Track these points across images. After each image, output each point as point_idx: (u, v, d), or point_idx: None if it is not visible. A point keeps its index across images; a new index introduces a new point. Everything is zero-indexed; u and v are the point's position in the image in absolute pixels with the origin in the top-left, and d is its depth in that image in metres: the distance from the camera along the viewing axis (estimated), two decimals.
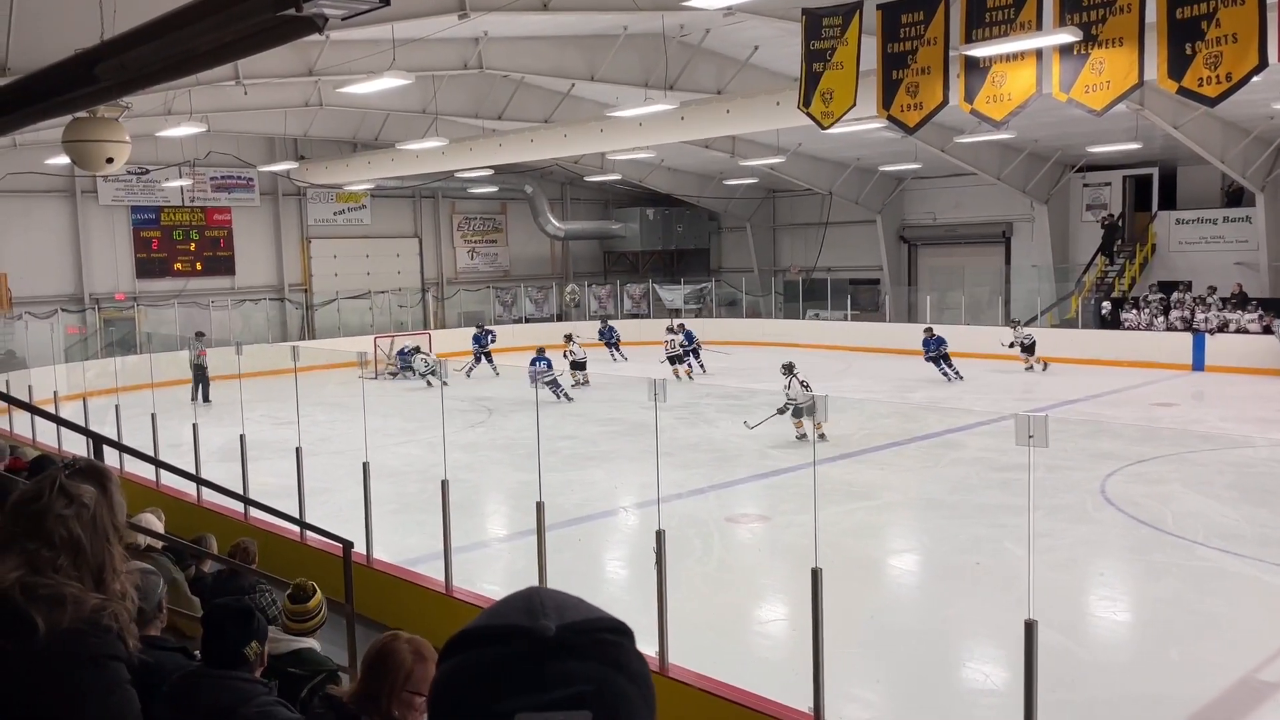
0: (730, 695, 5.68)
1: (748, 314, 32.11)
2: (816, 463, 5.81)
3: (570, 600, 0.93)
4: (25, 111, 7.48)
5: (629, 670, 0.90)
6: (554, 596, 0.92)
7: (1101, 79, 10.32)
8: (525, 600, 0.91)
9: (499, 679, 0.86)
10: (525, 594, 0.93)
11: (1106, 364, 22.51)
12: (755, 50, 17.43)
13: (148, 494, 10.03)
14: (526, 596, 0.92)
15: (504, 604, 0.93)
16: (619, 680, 0.88)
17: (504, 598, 0.94)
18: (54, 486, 1.97)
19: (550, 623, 0.88)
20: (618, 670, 0.89)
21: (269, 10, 4.20)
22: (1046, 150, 25.30)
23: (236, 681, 2.85)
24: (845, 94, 12.22)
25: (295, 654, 4.37)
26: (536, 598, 0.91)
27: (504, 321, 30.86)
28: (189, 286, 26.78)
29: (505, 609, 0.91)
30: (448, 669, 0.90)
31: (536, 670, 0.86)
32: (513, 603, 0.92)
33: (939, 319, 26.59)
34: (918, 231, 30.51)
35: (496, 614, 0.91)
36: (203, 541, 6.37)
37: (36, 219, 24.39)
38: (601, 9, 13.88)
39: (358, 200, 29.77)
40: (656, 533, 6.04)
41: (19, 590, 1.81)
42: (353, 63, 14.46)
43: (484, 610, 0.93)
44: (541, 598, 0.91)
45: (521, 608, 0.90)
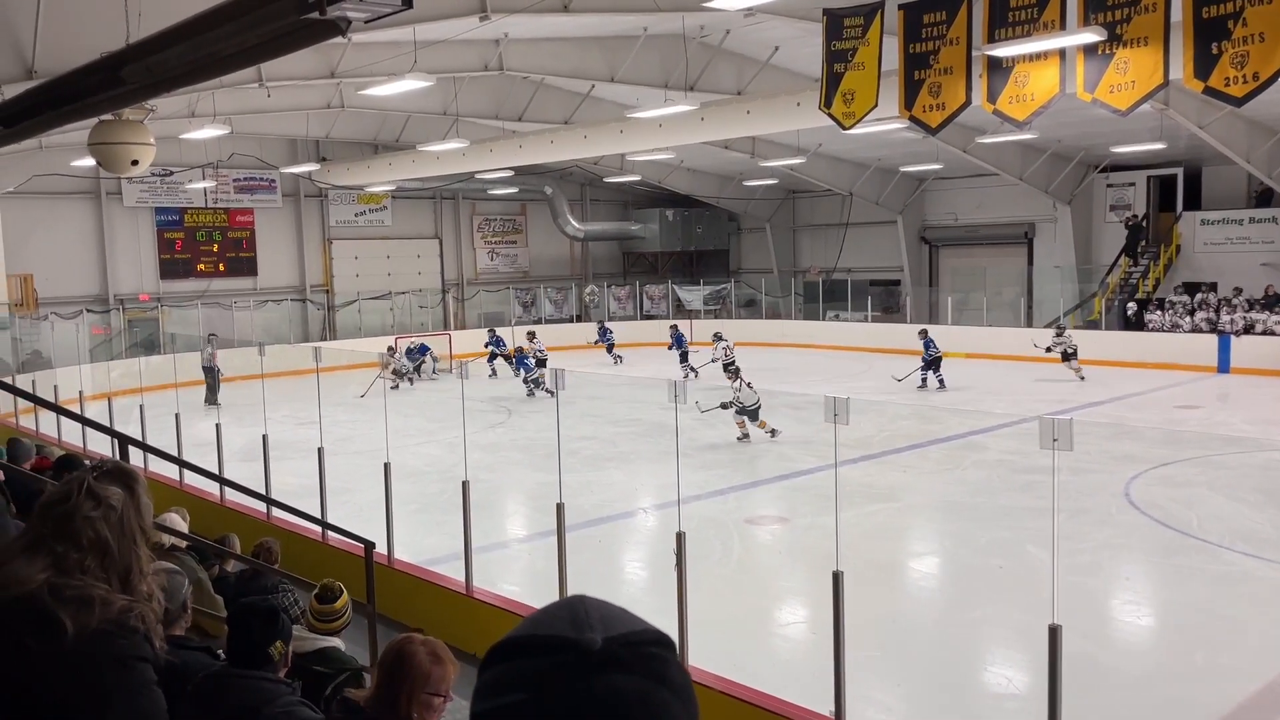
0: (750, 698, 5.67)
1: (767, 315, 32.04)
2: (838, 465, 5.79)
3: (614, 611, 0.93)
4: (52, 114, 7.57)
5: (672, 683, 0.90)
6: (599, 607, 0.92)
7: (1126, 79, 10.24)
8: (570, 610, 0.91)
9: (545, 691, 0.86)
10: (569, 603, 0.93)
11: (1130, 366, 22.31)
12: (776, 51, 17.39)
13: (172, 494, 10.12)
14: (571, 606, 0.92)
15: (548, 613, 0.92)
16: (662, 693, 0.89)
17: (548, 606, 0.94)
18: (82, 488, 1.99)
19: (596, 635, 0.88)
20: (661, 684, 0.89)
21: (293, 14, 4.22)
22: (1070, 150, 25.12)
23: (261, 681, 2.87)
24: (867, 94, 12.17)
25: (320, 653, 4.40)
26: (581, 608, 0.91)
27: (524, 322, 30.92)
28: (212, 287, 26.99)
29: (550, 619, 0.91)
30: (492, 677, 0.90)
31: (583, 684, 0.86)
32: (557, 613, 0.92)
33: (960, 320, 26.47)
34: (939, 232, 30.35)
35: (541, 623, 0.91)
36: (226, 541, 6.42)
37: (62, 220, 24.64)
38: (622, 10, 13.88)
39: (379, 201, 29.91)
40: (677, 534, 6.04)
41: (47, 591, 1.83)
42: (374, 65, 14.53)
43: (527, 618, 0.93)
44: (586, 608, 0.91)
45: (566, 618, 0.90)
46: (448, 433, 15.65)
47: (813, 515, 10.91)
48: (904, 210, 29.87)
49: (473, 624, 7.34)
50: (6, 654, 1.79)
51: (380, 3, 4.12)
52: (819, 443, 14.75)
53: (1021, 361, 23.27)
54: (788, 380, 21.98)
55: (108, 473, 2.06)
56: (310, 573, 6.86)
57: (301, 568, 7.21)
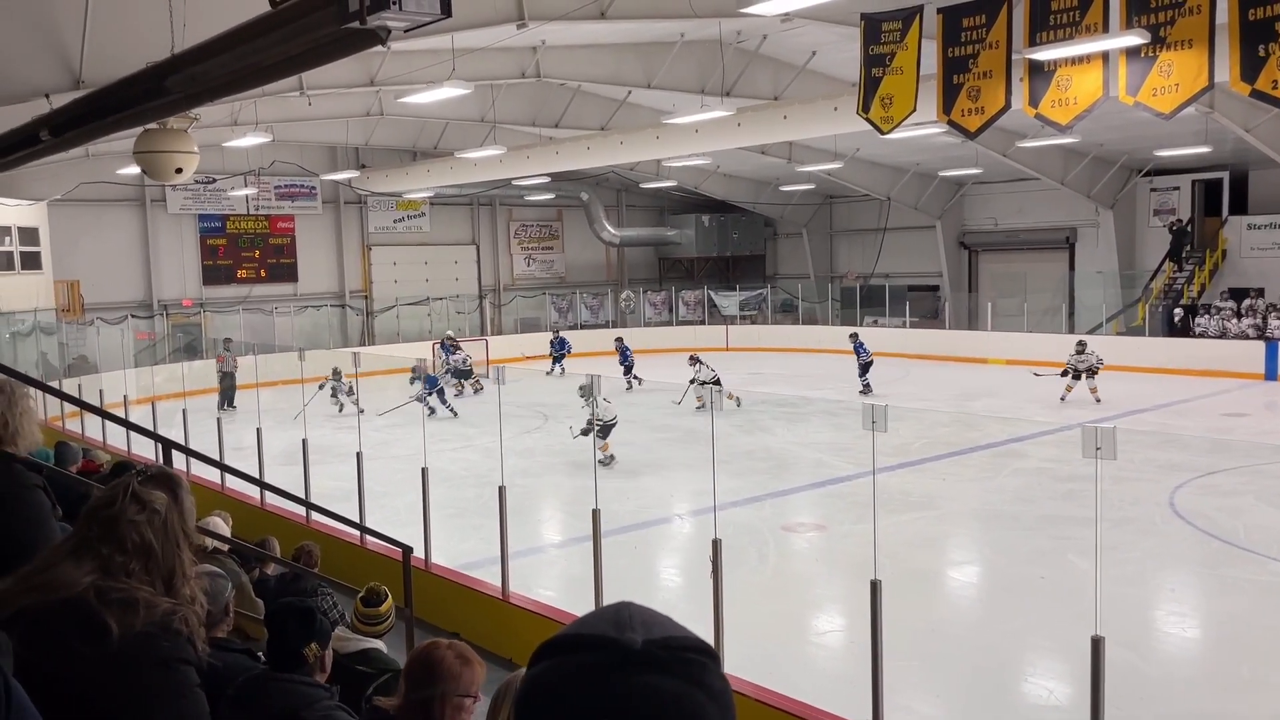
0: (787, 706, 5.63)
1: (804, 320, 31.89)
2: (876, 472, 5.76)
3: (658, 617, 0.95)
4: (99, 123, 7.72)
5: (710, 689, 0.92)
6: (642, 612, 0.95)
7: (1170, 82, 10.08)
8: (614, 613, 0.94)
9: (585, 687, 0.89)
10: (615, 607, 0.96)
11: (1175, 373, 21.94)
12: (813, 55, 17.33)
13: (214, 497, 10.25)
14: (616, 610, 0.95)
15: (593, 615, 0.96)
16: (699, 697, 0.90)
17: (594, 610, 0.98)
18: (127, 492, 2.02)
19: (637, 636, 0.91)
20: (698, 687, 0.91)
21: (334, 24, 4.27)
22: (1112, 154, 24.77)
23: (300, 685, 2.90)
24: (905, 99, 12.09)
25: (363, 653, 4.45)
26: (625, 612, 0.94)
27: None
28: (253, 293, 27.35)
29: (594, 620, 0.94)
30: (536, 673, 0.93)
31: (621, 681, 0.89)
32: (602, 615, 0.95)
33: (1000, 326, 26.18)
34: (978, 237, 30.05)
35: (585, 624, 0.94)
36: (266, 544, 6.48)
37: (108, 227, 25.10)
38: (658, 16, 13.89)
39: (417, 208, 30.16)
40: (712, 541, 6.02)
41: (93, 594, 1.86)
42: (413, 73, 14.66)
43: (574, 620, 0.96)
44: (630, 612, 0.94)
45: (610, 620, 0.93)
46: (484, 438, 15.72)
47: (850, 523, 10.83)
48: (943, 215, 29.61)
49: (509, 629, 7.36)
50: (53, 656, 1.82)
51: (420, 11, 4.15)
52: (856, 449, 14.67)
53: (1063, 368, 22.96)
54: (824, 387, 21.87)
55: (152, 477, 2.09)
56: (349, 576, 6.92)
57: (340, 571, 7.27)
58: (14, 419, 2.76)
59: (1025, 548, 10.18)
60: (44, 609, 1.85)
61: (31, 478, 2.77)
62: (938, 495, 12.47)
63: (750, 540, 10.43)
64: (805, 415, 18.41)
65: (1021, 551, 10.10)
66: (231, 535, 6.35)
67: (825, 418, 17.67)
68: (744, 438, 15.99)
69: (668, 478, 13.74)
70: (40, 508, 2.74)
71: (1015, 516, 11.37)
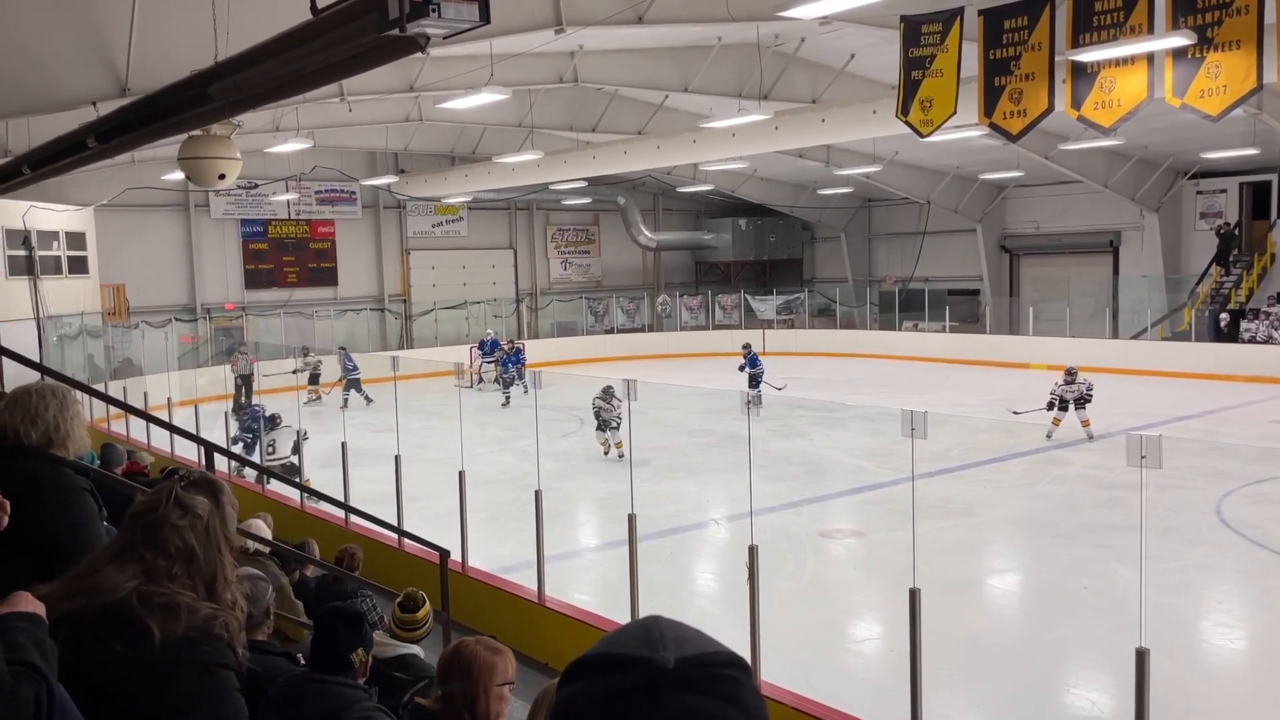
0: (824, 715, 5.59)
1: (842, 325, 31.69)
2: (914, 478, 5.70)
3: (689, 632, 0.93)
4: (144, 130, 7.84)
5: (745, 706, 0.90)
6: (673, 628, 0.93)
7: (1217, 83, 9.90)
8: (645, 630, 0.92)
9: (619, 710, 0.88)
10: (645, 623, 0.94)
11: (1221, 379, 21.53)
12: (851, 58, 17.22)
13: (255, 499, 10.37)
14: (646, 626, 0.93)
15: (624, 633, 0.94)
16: (734, 715, 0.89)
17: (624, 626, 0.96)
18: (170, 497, 2.04)
19: (669, 655, 0.89)
20: (734, 705, 0.89)
21: (374, 31, 4.30)
22: (1157, 156, 24.37)
23: (339, 687, 2.91)
24: (945, 102, 11.97)
25: (400, 659, 4.46)
26: (656, 628, 0.92)
27: (595, 332, 31.08)
28: (294, 297, 27.67)
29: (625, 638, 0.92)
30: (569, 694, 0.91)
31: (655, 704, 0.87)
32: (632, 632, 0.93)
33: (1042, 331, 25.85)
34: (1020, 241, 29.70)
35: (616, 642, 0.92)
36: (306, 547, 6.54)
37: (153, 232, 25.53)
38: (696, 20, 13.87)
39: (455, 212, 30.38)
40: (749, 548, 5.98)
41: (136, 599, 1.88)
42: (452, 78, 14.76)
43: (604, 637, 0.95)
44: (661, 628, 0.92)
45: (641, 637, 0.91)
46: (520, 441, 15.76)
47: (888, 529, 10.73)
48: (983, 218, 29.30)
49: (544, 633, 7.37)
50: (96, 659, 1.84)
51: (458, 19, 4.18)
52: (895, 455, 14.55)
53: (1106, 373, 22.62)
54: (862, 392, 21.70)
55: (194, 483, 2.12)
56: (386, 579, 6.97)
57: (378, 574, 7.32)
58: (65, 423, 2.81)
59: (1067, 556, 10.03)
60: (88, 613, 1.87)
61: (79, 480, 2.81)
62: (978, 502, 12.33)
63: (787, 546, 10.37)
64: (843, 420, 18.28)
65: (1064, 560, 9.95)
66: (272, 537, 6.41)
67: (863, 423, 17.52)
68: (781, 442, 15.91)
69: (704, 482, 13.70)
70: (88, 510, 2.78)
71: (1057, 524, 11.21)
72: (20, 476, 2.61)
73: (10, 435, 2.75)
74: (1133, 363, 23.45)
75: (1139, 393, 20.86)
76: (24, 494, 2.48)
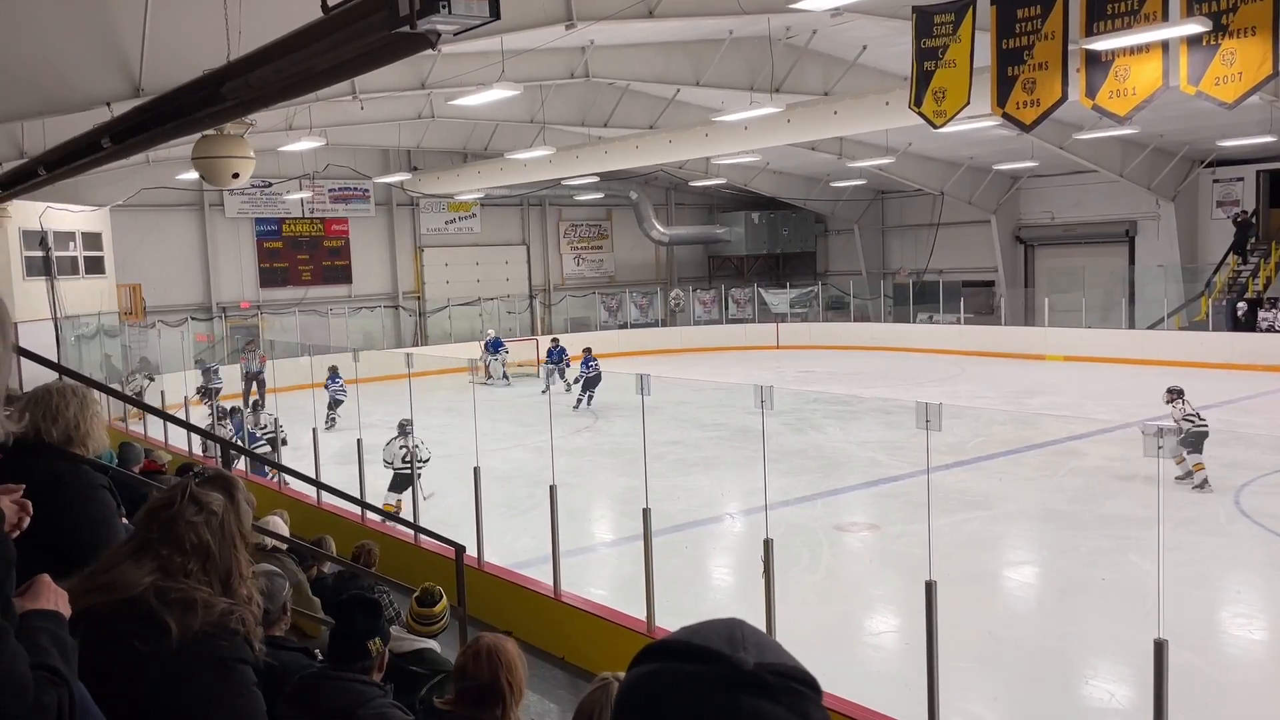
0: (841, 708, 5.58)
1: (856, 318, 31.61)
2: (930, 470, 5.68)
3: (770, 642, 0.95)
4: (158, 130, 7.89)
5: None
6: (755, 633, 0.95)
7: (1233, 70, 9.81)
8: (728, 629, 0.94)
9: (691, 697, 0.89)
10: (728, 623, 0.95)
11: (1240, 368, 21.38)
12: (863, 50, 17.15)
13: (272, 496, 10.42)
14: (730, 626, 0.95)
15: (706, 627, 0.95)
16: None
17: (705, 621, 0.97)
18: (185, 494, 2.06)
19: (749, 657, 0.90)
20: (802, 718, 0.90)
21: (384, 29, 4.31)
22: (1173, 145, 24.19)
23: (354, 683, 2.93)
24: (958, 92, 11.91)
25: (417, 653, 4.48)
26: (739, 631, 0.94)
27: (609, 327, 31.08)
28: (308, 295, 27.78)
29: (707, 632, 0.94)
30: (645, 672, 0.93)
31: (731, 698, 0.88)
32: (715, 628, 0.95)
33: (1058, 322, 25.72)
34: (1035, 231, 29.54)
35: (698, 634, 0.94)
36: (322, 543, 6.57)
37: (169, 232, 25.66)
38: (707, 14, 13.85)
39: (468, 209, 30.42)
40: (764, 542, 5.98)
41: (153, 595, 1.90)
42: (463, 75, 14.77)
43: (684, 627, 0.96)
44: (744, 631, 0.94)
45: (724, 635, 0.93)
46: (535, 437, 15.79)
47: (904, 522, 10.71)
48: (998, 209, 29.15)
49: (560, 627, 7.39)
50: (114, 655, 1.85)
51: (469, 15, 4.18)
52: (910, 448, 14.52)
53: (1122, 364, 22.51)
54: (877, 385, 21.66)
55: (209, 479, 2.13)
56: (403, 575, 6.99)
57: (394, 570, 7.35)
58: (85, 422, 2.85)
59: (1085, 548, 9.99)
60: (106, 609, 1.89)
61: (99, 478, 2.85)
62: (994, 495, 12.29)
63: (803, 540, 10.36)
64: (858, 414, 18.24)
65: (1081, 552, 9.90)
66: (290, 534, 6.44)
67: (878, 416, 17.48)
68: (796, 436, 15.89)
69: (719, 477, 13.70)
70: (106, 507, 2.81)
71: (1074, 516, 11.16)
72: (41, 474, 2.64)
73: (31, 433, 2.79)
74: (1149, 353, 23.29)
75: (1156, 384, 20.70)
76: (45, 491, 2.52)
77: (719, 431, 16.56)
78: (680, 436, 16.02)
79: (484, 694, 2.95)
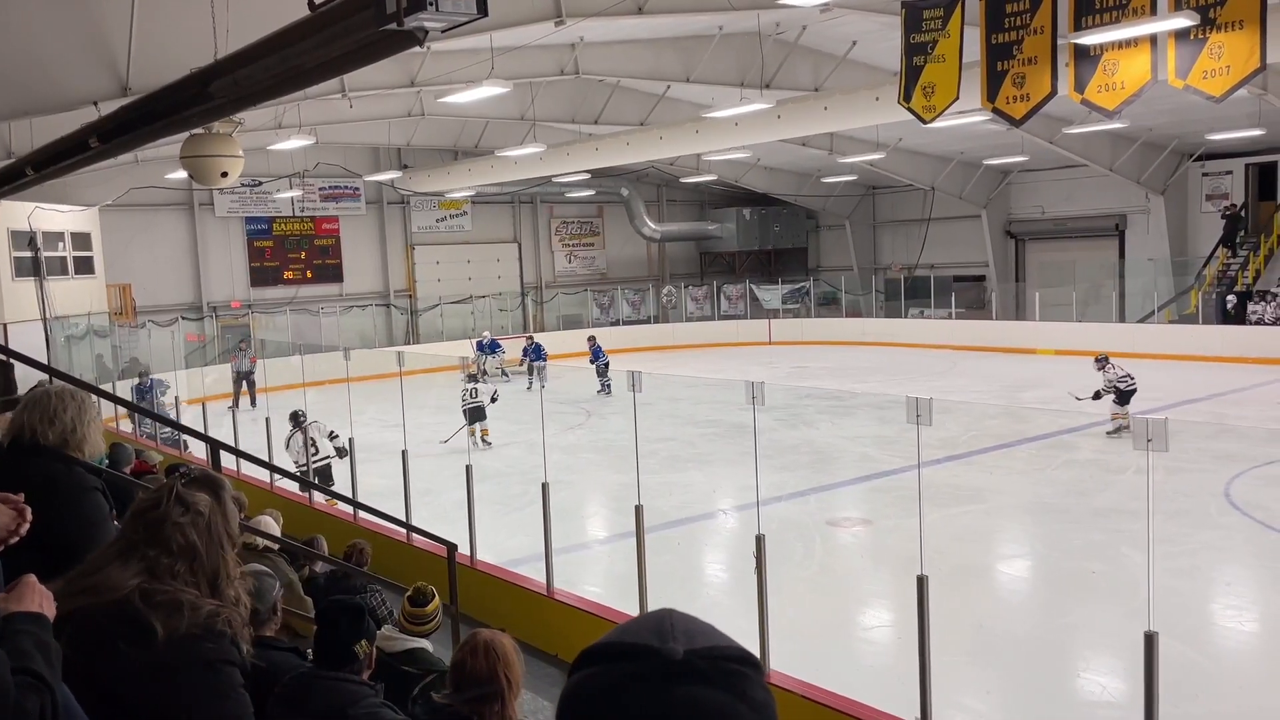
0: (833, 703, 5.59)
1: (848, 313, 31.64)
2: (921, 465, 5.69)
3: (700, 626, 0.95)
4: (146, 129, 7.84)
5: (752, 700, 0.91)
6: (685, 621, 0.94)
7: (1221, 64, 9.84)
8: (657, 621, 0.94)
9: (625, 697, 0.89)
10: (657, 615, 0.95)
11: (1230, 361, 21.46)
12: (853, 45, 17.15)
13: (264, 495, 10.39)
14: (658, 618, 0.95)
15: (636, 623, 0.95)
16: (740, 709, 0.90)
17: (637, 617, 0.97)
18: (171, 495, 2.05)
19: (678, 646, 0.90)
20: (740, 699, 0.90)
21: (372, 26, 4.30)
22: (1162, 139, 24.26)
23: (346, 684, 2.92)
24: (948, 87, 11.92)
25: (409, 653, 4.47)
26: (668, 620, 0.94)
27: (601, 324, 31.06)
28: (300, 294, 27.71)
29: (637, 628, 0.94)
30: (578, 680, 0.93)
31: (662, 692, 0.88)
32: (644, 622, 0.95)
33: (1049, 316, 25.79)
34: (1025, 226, 29.61)
35: (628, 631, 0.94)
36: (314, 543, 6.56)
37: (158, 231, 25.57)
38: (697, 10, 13.84)
39: (459, 207, 30.37)
40: (756, 537, 5.98)
41: (139, 597, 1.89)
42: (453, 73, 14.73)
43: (617, 627, 0.96)
44: (673, 620, 0.94)
45: (653, 628, 0.93)
46: (528, 434, 15.77)
47: (897, 517, 10.72)
48: (988, 204, 29.21)
49: (553, 625, 7.38)
50: (100, 657, 1.84)
51: (456, 11, 4.16)
52: (902, 443, 14.52)
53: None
54: (869, 380, 21.68)
55: (195, 480, 2.12)
56: (396, 574, 6.98)
57: (387, 569, 7.34)
58: (82, 426, 2.85)
59: (1077, 541, 10.02)
60: (92, 611, 1.87)
61: (92, 480, 2.85)
62: (986, 489, 12.31)
63: (795, 535, 10.37)
64: (850, 409, 18.27)
65: (1073, 545, 9.93)
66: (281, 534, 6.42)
67: (870, 411, 17.52)
68: (788, 432, 15.90)
69: (711, 473, 13.70)
70: (99, 509, 2.81)
71: (1066, 509, 11.19)
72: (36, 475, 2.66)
73: (28, 435, 2.80)
74: (1140, 346, 23.35)
75: (1146, 376, 20.73)
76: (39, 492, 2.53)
77: (712, 428, 16.56)
78: (673, 433, 16.03)
79: (482, 688, 2.95)
